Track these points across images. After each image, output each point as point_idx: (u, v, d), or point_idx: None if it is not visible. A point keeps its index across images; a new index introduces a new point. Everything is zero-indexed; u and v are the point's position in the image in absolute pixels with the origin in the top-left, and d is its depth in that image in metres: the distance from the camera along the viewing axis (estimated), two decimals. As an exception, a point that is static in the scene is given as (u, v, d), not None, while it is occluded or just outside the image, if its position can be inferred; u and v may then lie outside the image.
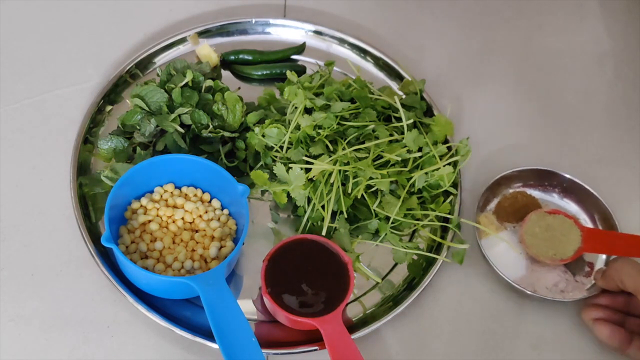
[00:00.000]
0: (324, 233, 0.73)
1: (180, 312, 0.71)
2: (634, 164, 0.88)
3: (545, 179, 0.82)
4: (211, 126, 0.78)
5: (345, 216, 0.75)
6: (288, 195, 0.76)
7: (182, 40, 0.89)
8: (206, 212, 0.73)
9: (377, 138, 0.77)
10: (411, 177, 0.76)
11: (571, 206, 0.82)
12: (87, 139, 0.80)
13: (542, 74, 0.96)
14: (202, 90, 0.81)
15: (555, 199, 0.82)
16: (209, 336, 0.67)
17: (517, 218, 0.80)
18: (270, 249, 0.70)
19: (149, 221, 0.72)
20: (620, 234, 0.77)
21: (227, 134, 0.79)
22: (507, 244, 0.78)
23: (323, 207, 0.75)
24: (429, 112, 0.85)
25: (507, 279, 0.73)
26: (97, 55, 0.88)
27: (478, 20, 1.01)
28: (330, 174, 0.74)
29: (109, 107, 0.83)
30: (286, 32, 0.93)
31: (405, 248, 0.76)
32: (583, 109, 0.93)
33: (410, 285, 0.75)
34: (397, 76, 0.90)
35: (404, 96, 0.87)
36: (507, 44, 0.99)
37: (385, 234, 0.76)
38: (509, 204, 0.80)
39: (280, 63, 0.90)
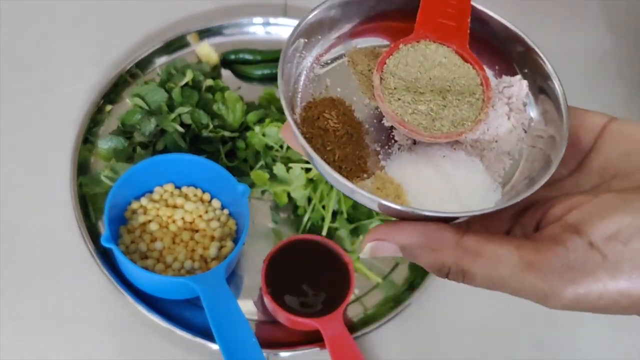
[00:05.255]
0: (324, 233, 0.73)
1: (180, 312, 0.70)
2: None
3: None
4: (211, 126, 0.78)
5: (346, 216, 0.75)
6: (288, 195, 0.76)
7: (182, 40, 0.89)
8: (206, 212, 0.73)
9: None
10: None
11: None
12: (87, 138, 0.80)
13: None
14: (202, 90, 0.81)
15: None
16: (209, 336, 0.66)
17: None
18: (271, 249, 0.70)
19: (149, 221, 0.72)
20: None
21: (227, 133, 0.78)
22: None
23: (323, 207, 0.74)
24: (429, 111, 0.85)
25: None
26: (97, 55, 0.88)
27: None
28: (330, 174, 0.74)
29: (109, 107, 0.83)
30: (287, 31, 0.92)
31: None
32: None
33: (411, 285, 0.75)
34: (397, 75, 0.90)
35: (404, 96, 0.86)
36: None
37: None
38: None
39: (281, 62, 0.89)
